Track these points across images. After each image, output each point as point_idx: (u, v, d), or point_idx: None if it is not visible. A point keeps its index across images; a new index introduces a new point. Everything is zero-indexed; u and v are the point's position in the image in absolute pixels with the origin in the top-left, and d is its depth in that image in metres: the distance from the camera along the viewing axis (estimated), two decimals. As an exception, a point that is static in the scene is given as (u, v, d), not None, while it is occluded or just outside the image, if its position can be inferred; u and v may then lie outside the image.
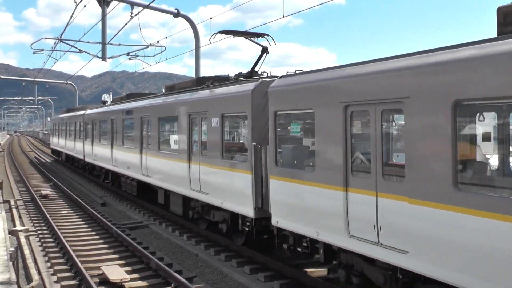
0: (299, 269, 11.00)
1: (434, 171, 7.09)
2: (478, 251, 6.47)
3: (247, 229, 12.37)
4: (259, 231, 12.00)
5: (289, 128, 11.46)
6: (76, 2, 23.44)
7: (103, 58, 28.31)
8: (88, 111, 30.82)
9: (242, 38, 14.08)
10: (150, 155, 18.31)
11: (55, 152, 46.92)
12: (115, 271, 11.06)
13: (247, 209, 11.67)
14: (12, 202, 21.14)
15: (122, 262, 12.46)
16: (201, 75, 25.41)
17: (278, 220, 10.63)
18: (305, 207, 9.78)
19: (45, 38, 34.50)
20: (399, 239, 7.62)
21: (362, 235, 8.31)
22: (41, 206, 19.92)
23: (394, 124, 8.69)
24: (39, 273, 11.62)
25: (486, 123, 7.56)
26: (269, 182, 10.92)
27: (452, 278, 6.85)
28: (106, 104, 32.01)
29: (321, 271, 10.82)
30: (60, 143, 41.42)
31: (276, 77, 11.63)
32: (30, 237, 15.11)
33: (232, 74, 14.83)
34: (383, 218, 7.95)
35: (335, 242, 9.01)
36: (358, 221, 8.42)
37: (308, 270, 10.81)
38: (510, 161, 7.29)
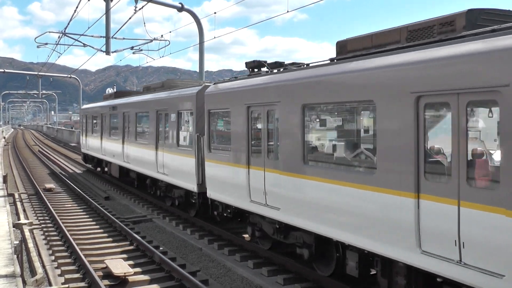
0: (302, 264, 11.01)
1: None
2: None
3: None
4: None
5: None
6: (80, -4, 23.37)
7: (107, 52, 28.26)
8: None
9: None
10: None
11: (89, 159, 31.58)
12: (119, 265, 11.08)
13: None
14: (17, 196, 21.20)
15: (125, 256, 12.49)
16: (205, 70, 25.42)
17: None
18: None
19: (49, 32, 34.42)
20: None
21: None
22: (45, 199, 19.97)
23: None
24: (43, 266, 11.67)
25: None
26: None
27: None
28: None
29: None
30: (106, 147, 26.03)
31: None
32: (34, 231, 15.16)
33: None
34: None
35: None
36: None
37: None
38: None
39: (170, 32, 27.06)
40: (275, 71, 11.52)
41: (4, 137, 79.76)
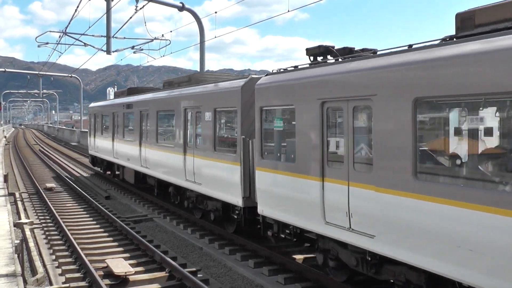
0: (303, 263, 11.01)
1: None
2: None
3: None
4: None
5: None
6: (81, -5, 23.40)
7: (108, 51, 28.29)
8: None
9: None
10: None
11: (98, 162, 28.75)
12: (120, 264, 11.08)
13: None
14: (17, 195, 21.21)
15: (126, 255, 12.49)
16: (205, 69, 25.40)
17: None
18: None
19: (50, 31, 34.39)
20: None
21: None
22: (46, 199, 19.98)
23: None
24: (44, 266, 11.66)
25: None
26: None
27: None
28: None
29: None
30: (118, 150, 23.40)
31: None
32: (35, 230, 15.16)
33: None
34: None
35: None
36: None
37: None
38: None
39: (171, 31, 27.07)
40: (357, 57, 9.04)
41: (5, 136, 79.79)
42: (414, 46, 7.84)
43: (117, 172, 25.50)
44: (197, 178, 14.62)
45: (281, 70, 11.22)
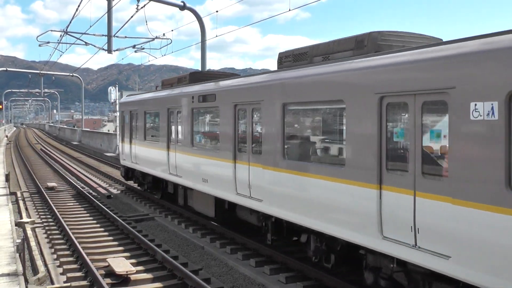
0: (304, 262, 10.99)
1: None
2: None
3: None
4: None
5: None
6: (82, -5, 23.39)
7: (109, 50, 28.27)
8: None
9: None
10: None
11: (137, 176, 21.44)
12: (121, 263, 11.08)
13: None
14: (19, 194, 21.22)
15: (128, 254, 12.49)
16: (207, 68, 25.39)
17: None
18: None
19: (52, 30, 34.38)
20: None
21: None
22: (47, 198, 19.99)
23: None
24: (45, 265, 11.67)
25: None
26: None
27: None
28: None
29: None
30: (182, 165, 15.71)
31: None
32: (37, 229, 15.16)
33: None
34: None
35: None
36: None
37: None
38: None
39: (172, 30, 27.05)
40: None
41: (7, 136, 79.87)
42: None
43: (168, 191, 18.27)
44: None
45: None
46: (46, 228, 15.46)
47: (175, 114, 16.34)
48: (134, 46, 30.72)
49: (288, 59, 11.13)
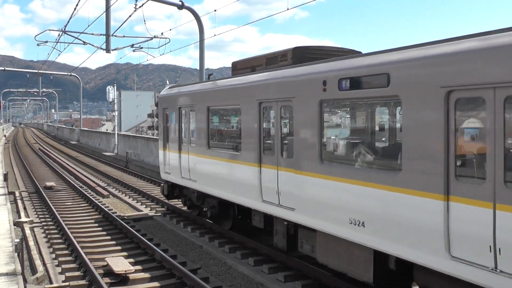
0: (303, 260, 11.00)
1: None
2: None
3: None
4: None
5: None
6: (80, -6, 23.35)
7: (107, 50, 28.25)
8: None
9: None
10: None
11: (189, 197, 15.74)
12: (120, 263, 11.08)
13: None
14: (17, 194, 21.21)
15: (126, 253, 12.49)
16: (205, 67, 25.37)
17: None
18: None
19: (50, 30, 34.33)
20: None
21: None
22: (46, 197, 19.97)
23: None
24: (44, 264, 11.67)
25: None
26: None
27: None
28: None
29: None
30: (287, 189, 10.04)
31: None
32: (35, 229, 15.16)
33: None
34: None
35: None
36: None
37: None
38: None
39: (170, 29, 27.10)
40: None
41: (5, 135, 79.79)
42: None
43: (253, 224, 12.49)
44: None
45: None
46: (45, 227, 15.45)
47: (278, 111, 10.50)
48: (132, 46, 30.69)
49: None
